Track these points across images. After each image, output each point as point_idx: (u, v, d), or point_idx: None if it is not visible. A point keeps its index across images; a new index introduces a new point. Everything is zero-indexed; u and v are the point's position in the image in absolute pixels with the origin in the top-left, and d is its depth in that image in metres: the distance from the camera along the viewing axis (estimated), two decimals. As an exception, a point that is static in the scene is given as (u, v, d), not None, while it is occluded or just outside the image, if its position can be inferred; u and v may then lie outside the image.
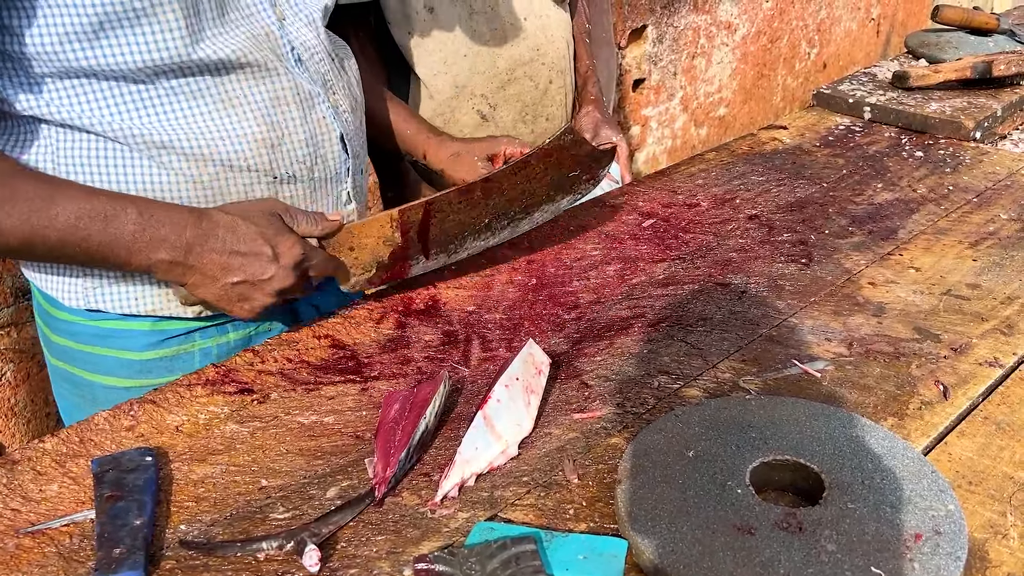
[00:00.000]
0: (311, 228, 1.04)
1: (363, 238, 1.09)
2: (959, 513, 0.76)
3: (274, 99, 1.03)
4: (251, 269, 0.98)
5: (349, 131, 1.13)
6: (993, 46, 1.98)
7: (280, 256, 0.99)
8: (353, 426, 0.94)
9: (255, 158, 1.03)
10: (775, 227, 1.35)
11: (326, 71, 1.10)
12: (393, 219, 1.09)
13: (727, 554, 0.72)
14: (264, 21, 1.03)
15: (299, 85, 1.05)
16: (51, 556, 0.77)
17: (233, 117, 1.01)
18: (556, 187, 1.15)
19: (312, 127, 1.07)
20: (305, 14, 1.08)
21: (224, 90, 1.00)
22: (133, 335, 1.07)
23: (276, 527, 0.80)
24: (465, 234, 1.14)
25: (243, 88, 1.01)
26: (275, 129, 1.04)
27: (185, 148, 0.99)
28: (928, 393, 0.97)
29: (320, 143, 1.09)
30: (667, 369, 1.02)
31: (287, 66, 1.04)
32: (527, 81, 1.49)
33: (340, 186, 1.14)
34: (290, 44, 1.05)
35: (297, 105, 1.05)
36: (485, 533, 0.77)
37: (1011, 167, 1.54)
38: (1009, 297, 1.15)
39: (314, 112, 1.07)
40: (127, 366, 1.09)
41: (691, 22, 2.97)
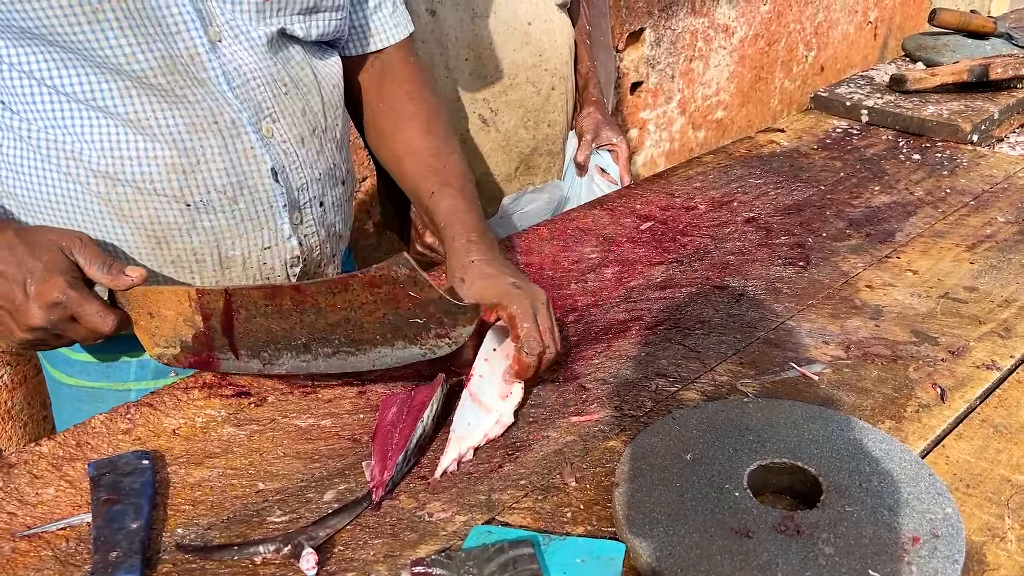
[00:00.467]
0: (100, 274, 0.93)
1: (161, 307, 0.97)
2: (956, 516, 0.76)
3: (189, 125, 0.97)
4: (6, 294, 0.90)
5: (288, 162, 1.05)
6: (990, 49, 1.98)
7: (31, 292, 0.89)
8: (350, 429, 0.94)
9: (164, 182, 0.98)
10: (773, 230, 1.35)
11: (263, 98, 1.02)
12: (191, 298, 0.96)
13: (724, 557, 0.72)
14: (189, 43, 0.95)
15: (219, 113, 0.98)
16: (47, 560, 0.77)
17: (142, 139, 0.96)
18: (392, 329, 0.92)
19: (234, 156, 1.01)
20: (247, 37, 1.00)
21: (132, 110, 0.95)
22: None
23: (273, 530, 0.80)
24: (279, 346, 0.96)
25: (153, 111, 0.96)
26: (188, 156, 0.98)
27: (94, 164, 0.96)
28: (925, 396, 0.97)
29: (245, 174, 1.02)
30: (665, 372, 1.02)
31: (208, 91, 0.97)
32: (529, 86, 1.49)
33: (278, 220, 1.06)
34: (220, 68, 0.98)
35: (215, 133, 0.99)
36: (482, 536, 0.77)
37: (1008, 170, 1.55)
38: (1006, 300, 1.15)
39: (238, 142, 1.00)
40: (69, 364, 1.10)
41: (689, 25, 2.97)
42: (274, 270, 1.10)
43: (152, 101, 0.95)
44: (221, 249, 1.04)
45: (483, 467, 0.88)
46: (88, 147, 0.96)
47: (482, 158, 1.51)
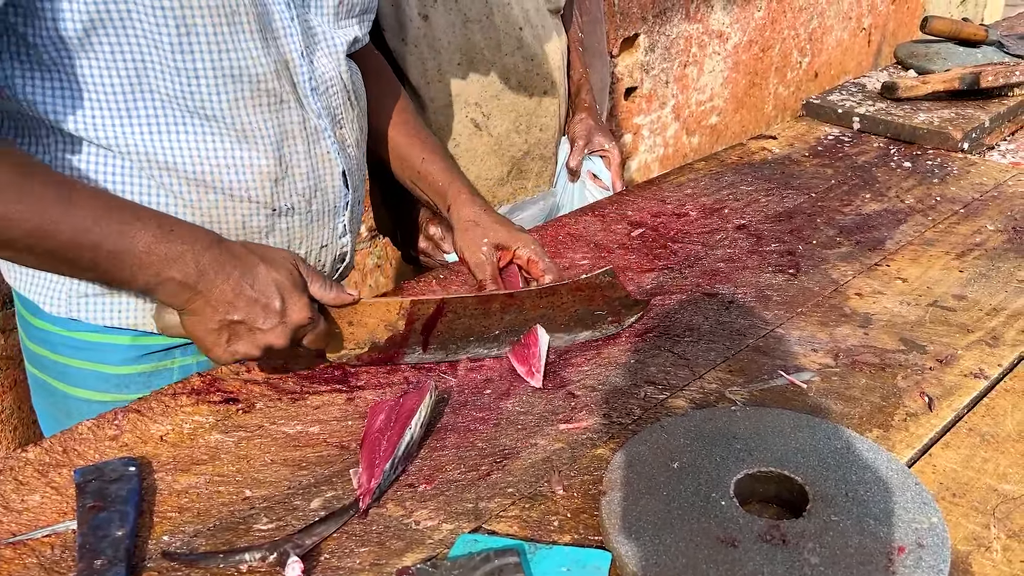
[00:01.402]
0: (324, 294, 0.99)
1: (365, 316, 1.04)
2: (942, 526, 0.76)
3: (283, 132, 1.01)
4: (254, 314, 0.93)
5: (352, 166, 1.11)
6: (981, 57, 1.99)
7: (287, 312, 0.94)
8: (338, 436, 0.94)
9: (258, 190, 1.01)
10: (763, 237, 1.35)
11: (337, 105, 1.07)
12: (403, 307, 1.05)
13: (710, 566, 0.72)
14: (290, 47, 0.99)
15: (307, 119, 1.03)
16: (32, 567, 0.77)
17: (244, 148, 0.98)
18: (577, 320, 1.10)
19: (315, 161, 1.05)
20: (331, 44, 1.05)
21: (239, 119, 0.97)
22: (112, 348, 1.06)
23: (259, 538, 0.80)
24: (471, 339, 1.08)
25: (257, 119, 0.98)
26: (281, 163, 1.01)
27: (189, 173, 0.97)
28: (913, 404, 0.97)
29: (322, 177, 1.07)
30: (654, 379, 1.02)
31: (300, 97, 1.02)
32: (521, 91, 1.50)
33: (337, 219, 1.12)
34: (308, 74, 1.01)
35: (303, 139, 1.03)
36: (469, 545, 0.76)
37: (998, 178, 1.55)
38: (995, 308, 1.15)
39: (318, 147, 1.05)
40: (104, 380, 1.08)
41: (683, 31, 2.98)
42: (325, 267, 1.14)
43: (257, 108, 0.98)
44: (290, 248, 1.07)
45: (471, 475, 0.87)
46: (186, 156, 0.96)
47: (474, 162, 1.51)
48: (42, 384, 1.13)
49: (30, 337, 1.10)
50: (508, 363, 1.05)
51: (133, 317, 1.05)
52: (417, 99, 1.44)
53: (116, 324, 1.05)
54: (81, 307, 1.04)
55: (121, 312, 1.04)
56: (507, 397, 0.99)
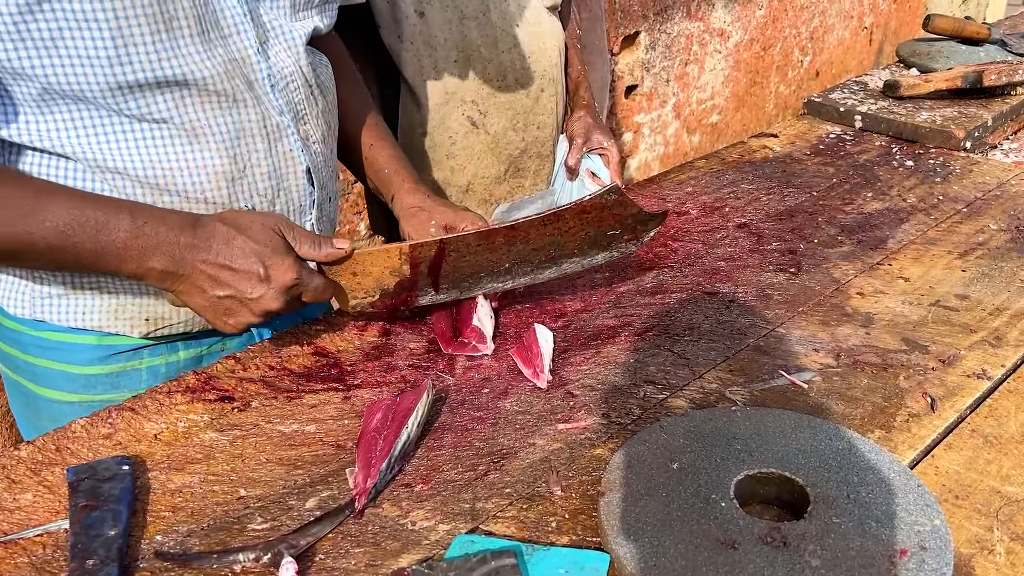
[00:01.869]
0: (313, 252, 0.99)
1: (368, 266, 1.04)
2: (945, 528, 0.75)
3: (239, 130, 0.99)
4: (240, 286, 0.93)
5: (317, 163, 1.08)
6: (984, 56, 1.98)
7: (271, 278, 0.94)
8: (335, 435, 0.93)
9: (214, 191, 0.99)
10: (764, 236, 1.34)
11: (299, 100, 1.04)
12: (403, 252, 1.04)
13: (710, 569, 0.71)
14: (241, 44, 0.97)
15: (267, 116, 1.00)
16: (23, 567, 0.76)
17: (195, 147, 0.96)
18: (591, 243, 1.10)
19: (277, 160, 1.03)
20: (288, 37, 1.03)
21: (188, 119, 0.95)
22: (78, 348, 1.04)
23: (254, 538, 0.79)
24: (481, 275, 1.09)
25: (208, 118, 0.96)
26: (237, 162, 0.99)
27: (141, 176, 0.95)
28: (916, 405, 0.96)
29: (284, 176, 1.04)
30: (653, 379, 1.01)
31: (257, 95, 0.99)
32: (518, 89, 1.48)
33: (304, 217, 1.09)
34: (267, 70, 1.00)
35: (263, 137, 1.01)
36: (465, 546, 0.75)
37: (1001, 177, 1.54)
38: (998, 308, 1.14)
39: (280, 144, 1.03)
40: (72, 380, 1.06)
41: (684, 29, 2.97)
42: None
43: (208, 108, 0.96)
44: None
45: (468, 475, 0.87)
46: (136, 160, 0.95)
47: (471, 160, 1.50)
48: (15, 384, 1.11)
49: (2, 338, 1.08)
50: (507, 362, 1.04)
51: (98, 319, 1.03)
52: (413, 96, 1.43)
53: (81, 325, 1.03)
54: (46, 308, 1.02)
55: (86, 313, 1.02)
56: (505, 396, 0.98)
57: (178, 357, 1.10)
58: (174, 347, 1.10)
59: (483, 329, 1.05)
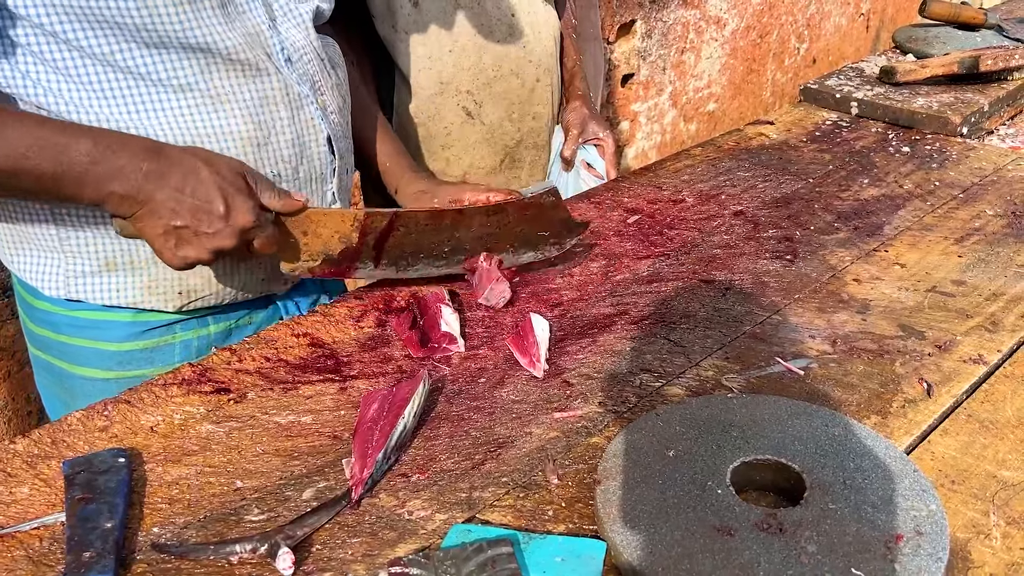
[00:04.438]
0: (273, 200, 1.00)
1: (319, 227, 1.06)
2: (941, 513, 0.75)
3: (263, 98, 1.03)
4: (198, 218, 0.94)
5: (336, 132, 1.13)
6: (980, 41, 1.97)
7: (231, 216, 0.95)
8: (331, 426, 0.93)
9: (241, 156, 1.02)
10: (760, 223, 1.34)
11: (314, 72, 1.09)
12: (356, 219, 1.08)
13: (706, 556, 0.71)
14: (255, 20, 1.03)
15: (288, 85, 1.05)
16: (20, 560, 0.76)
17: (221, 114, 1.00)
18: (523, 240, 1.16)
19: (299, 128, 1.07)
20: (295, 15, 1.08)
21: (213, 85, 0.99)
22: (112, 326, 1.07)
23: (251, 529, 0.79)
24: (420, 255, 1.13)
25: (232, 85, 1.00)
26: (262, 128, 1.03)
27: (171, 143, 0.97)
28: (912, 391, 0.96)
29: (307, 144, 1.08)
30: (650, 367, 1.01)
31: (277, 66, 1.04)
32: (514, 79, 1.48)
33: (325, 186, 1.13)
34: (280, 44, 1.05)
35: (286, 105, 1.05)
36: (462, 535, 0.76)
37: (997, 163, 1.54)
38: (994, 294, 1.14)
39: (302, 113, 1.07)
40: (106, 357, 1.08)
41: (680, 17, 2.96)
42: None
43: (232, 76, 1.00)
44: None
45: (464, 464, 0.87)
46: (164, 127, 0.98)
47: (466, 151, 1.49)
48: (45, 365, 1.13)
49: (32, 319, 1.11)
50: (503, 352, 1.04)
51: (133, 295, 1.05)
52: (407, 87, 1.43)
53: (116, 302, 1.05)
54: (79, 287, 1.04)
55: (120, 291, 1.05)
56: (501, 386, 0.98)
57: (208, 331, 1.13)
58: (204, 321, 1.12)
59: (452, 332, 1.05)
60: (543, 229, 1.16)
